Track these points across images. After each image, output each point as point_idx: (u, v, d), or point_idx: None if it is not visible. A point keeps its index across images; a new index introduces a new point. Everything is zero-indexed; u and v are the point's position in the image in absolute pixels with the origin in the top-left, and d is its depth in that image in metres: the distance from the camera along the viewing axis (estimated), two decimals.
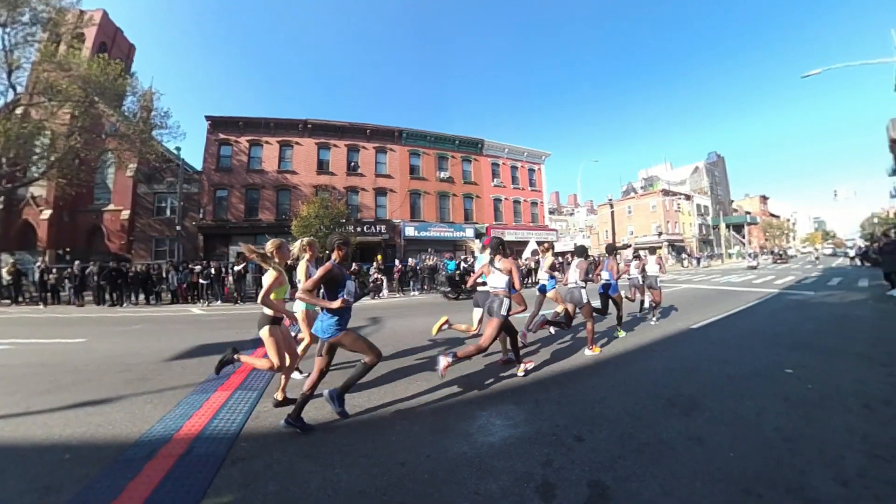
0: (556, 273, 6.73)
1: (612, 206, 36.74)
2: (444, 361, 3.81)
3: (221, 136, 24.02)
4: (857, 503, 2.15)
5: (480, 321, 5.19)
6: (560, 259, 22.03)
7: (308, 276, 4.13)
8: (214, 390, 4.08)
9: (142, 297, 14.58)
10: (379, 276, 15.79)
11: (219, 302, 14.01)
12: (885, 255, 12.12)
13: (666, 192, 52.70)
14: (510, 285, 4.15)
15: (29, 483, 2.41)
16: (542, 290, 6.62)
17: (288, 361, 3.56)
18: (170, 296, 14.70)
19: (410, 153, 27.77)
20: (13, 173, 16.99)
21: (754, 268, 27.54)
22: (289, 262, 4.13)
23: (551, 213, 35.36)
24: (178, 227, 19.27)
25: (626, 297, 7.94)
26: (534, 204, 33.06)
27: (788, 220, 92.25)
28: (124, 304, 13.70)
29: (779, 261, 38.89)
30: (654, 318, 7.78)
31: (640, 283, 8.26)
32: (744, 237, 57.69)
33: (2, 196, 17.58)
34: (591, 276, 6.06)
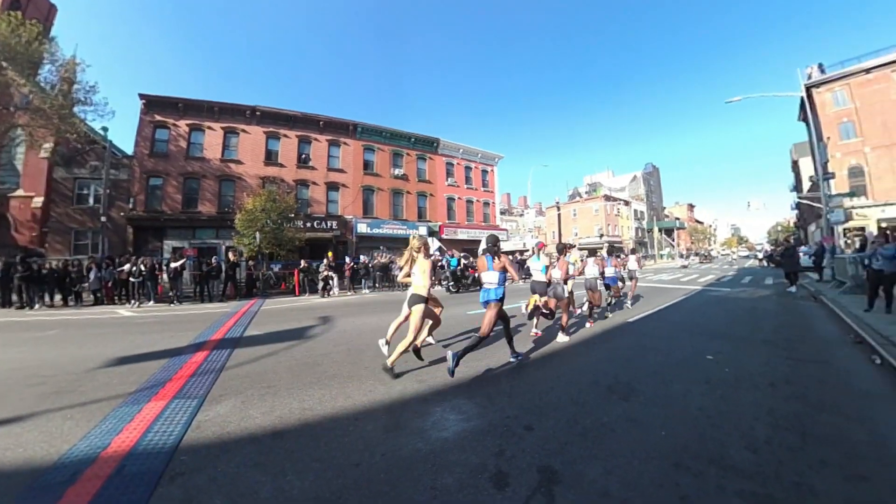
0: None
1: (559, 208, 38.68)
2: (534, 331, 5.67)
3: (157, 117, 21.44)
4: (765, 466, 2.48)
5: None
6: (516, 257, 22.81)
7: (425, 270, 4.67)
8: (148, 400, 3.67)
9: (58, 297, 12.76)
10: (329, 273, 15.20)
11: (151, 302, 12.62)
12: (784, 258, 13.98)
13: (608, 198, 56.64)
14: (503, 280, 4.73)
15: None
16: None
17: (426, 328, 5.11)
18: (92, 296, 12.96)
19: (365, 148, 27.05)
20: None
21: (686, 267, 30.48)
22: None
23: (502, 213, 36.35)
24: (103, 219, 16.91)
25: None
26: (486, 204, 33.83)
27: (710, 226, 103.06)
28: (36, 307, 11.84)
29: (704, 261, 44.48)
30: (629, 303, 9.89)
31: (595, 282, 8.15)
32: (673, 240, 63.68)
33: None
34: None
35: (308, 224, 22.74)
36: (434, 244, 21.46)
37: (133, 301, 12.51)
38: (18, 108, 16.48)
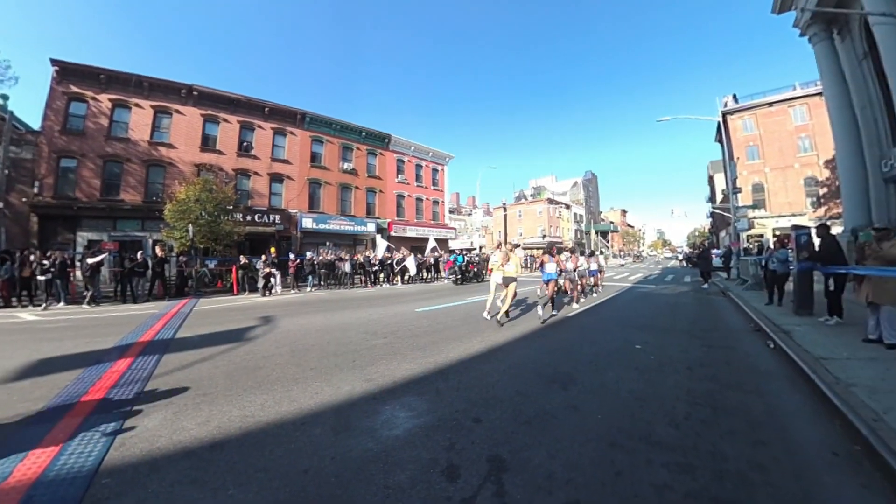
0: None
1: (505, 209, 39.97)
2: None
3: (74, 88, 18.13)
4: (685, 439, 2.80)
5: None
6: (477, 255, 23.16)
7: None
8: (60, 418, 3.18)
9: None
10: (270, 270, 14.26)
11: (61, 304, 10.92)
12: (700, 259, 15.83)
13: (551, 201, 59.64)
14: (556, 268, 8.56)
15: None
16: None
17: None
18: None
19: (313, 139, 25.58)
20: None
21: (623, 266, 33.13)
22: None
23: (451, 212, 36.81)
24: None
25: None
26: (435, 203, 33.98)
27: (640, 230, 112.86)
28: None
29: (636, 261, 48.46)
30: (596, 293, 12.30)
31: (585, 272, 11.24)
32: (608, 242, 68.87)
33: None
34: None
35: (248, 217, 21.00)
36: (382, 244, 21.33)
37: (44, 303, 10.78)
38: None
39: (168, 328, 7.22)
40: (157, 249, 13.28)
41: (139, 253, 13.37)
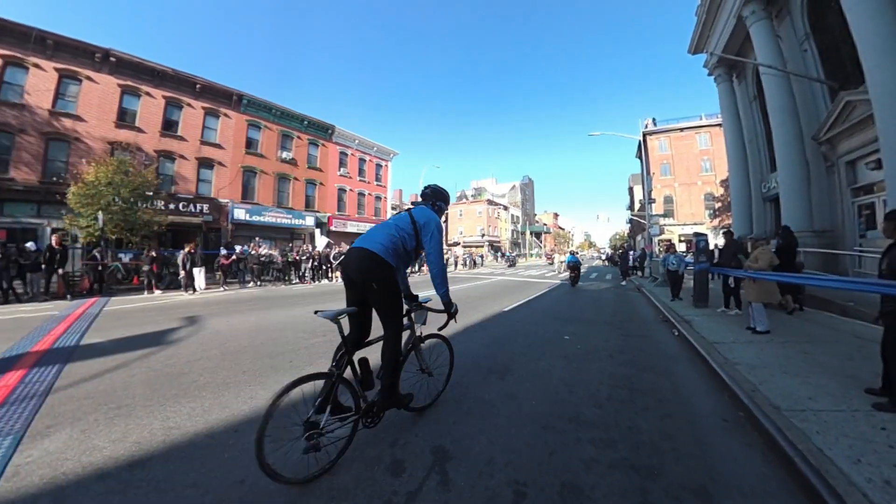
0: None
1: (447, 209, 40.40)
2: None
3: None
4: (607, 417, 3.08)
5: None
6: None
7: None
8: None
9: None
10: (190, 265, 12.78)
11: None
12: (620, 260, 17.52)
13: (490, 202, 61.61)
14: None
15: None
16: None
17: None
18: None
19: (249, 124, 23.42)
20: None
21: (552, 264, 35.27)
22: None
23: (394, 208, 36.26)
24: None
25: None
26: (378, 198, 33.32)
27: (570, 232, 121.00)
28: None
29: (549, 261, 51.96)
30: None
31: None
32: (541, 242, 72.97)
33: None
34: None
35: (172, 206, 18.54)
36: (322, 240, 20.44)
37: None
38: None
39: (71, 333, 6.21)
40: (55, 239, 11.27)
41: (30, 243, 11.34)
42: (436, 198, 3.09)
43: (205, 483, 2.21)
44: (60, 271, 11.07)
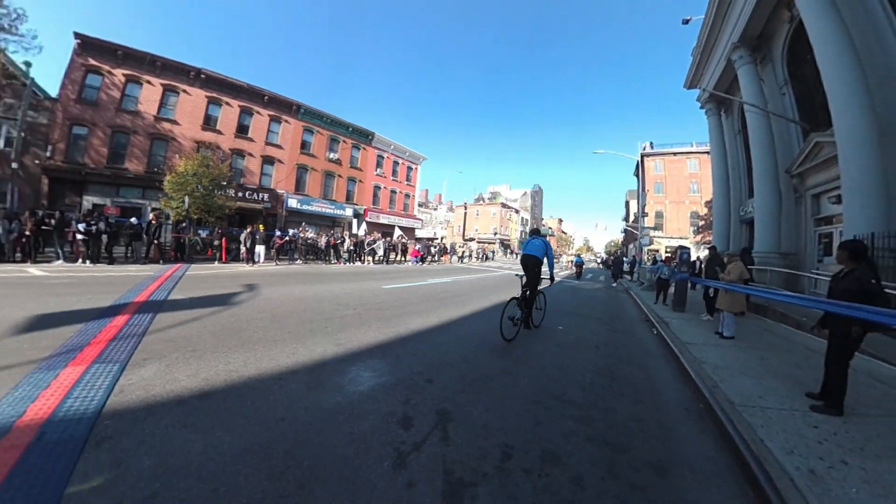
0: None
1: (465, 208, 40.43)
2: None
3: (92, 61, 16.14)
4: (588, 399, 3.07)
5: None
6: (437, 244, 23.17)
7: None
8: (64, 366, 2.87)
9: None
10: (251, 243, 13.31)
11: (60, 262, 9.65)
12: (613, 264, 17.21)
13: (504, 205, 60.93)
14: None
15: None
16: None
17: None
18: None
19: (305, 129, 24.13)
20: None
21: (558, 261, 35.20)
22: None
23: (420, 206, 36.43)
24: (14, 165, 12.79)
25: None
26: (407, 196, 33.47)
27: (571, 236, 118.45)
28: None
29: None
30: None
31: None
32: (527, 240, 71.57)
33: None
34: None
35: (240, 194, 19.54)
36: (363, 227, 20.89)
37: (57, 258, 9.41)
38: None
39: (161, 290, 6.63)
40: (152, 216, 12.07)
41: (133, 219, 12.22)
42: (541, 233, 5.49)
43: (254, 416, 2.37)
44: (156, 242, 11.84)
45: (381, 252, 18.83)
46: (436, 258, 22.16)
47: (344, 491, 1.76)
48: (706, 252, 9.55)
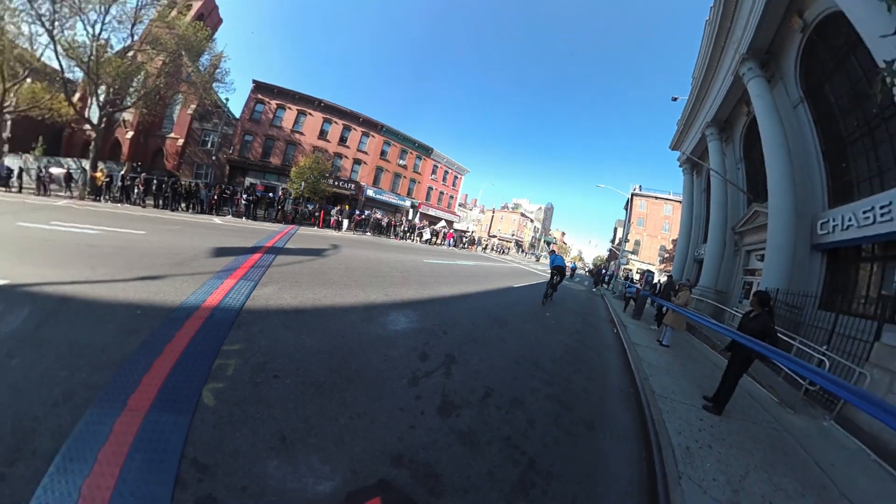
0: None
1: (493, 212, 39.56)
2: None
3: (259, 96, 19.68)
4: (555, 369, 3.06)
5: None
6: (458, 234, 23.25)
7: None
8: (226, 277, 3.42)
9: (183, 205, 11.54)
10: (340, 217, 14.60)
11: (230, 216, 11.44)
12: (596, 274, 16.61)
13: (523, 215, 58.85)
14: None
15: (120, 326, 2.09)
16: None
17: None
18: (199, 207, 11.79)
19: (384, 142, 24.98)
20: (114, 101, 13.75)
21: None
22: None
23: (460, 206, 36.26)
24: (213, 157, 16.58)
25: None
26: (451, 197, 33.39)
27: (569, 247, 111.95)
28: (173, 209, 10.86)
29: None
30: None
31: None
32: (551, 248, 68.72)
33: (105, 118, 12.98)
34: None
35: (336, 183, 21.46)
36: (441, 224, 22.02)
37: (228, 213, 11.45)
38: (183, 80, 15.68)
39: (282, 240, 7.37)
40: (281, 193, 14.16)
41: (269, 193, 14.50)
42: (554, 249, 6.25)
43: (327, 330, 2.66)
44: (282, 209, 13.80)
45: (427, 235, 19.17)
46: (465, 246, 22.37)
47: (375, 390, 1.99)
48: (665, 278, 8.94)
